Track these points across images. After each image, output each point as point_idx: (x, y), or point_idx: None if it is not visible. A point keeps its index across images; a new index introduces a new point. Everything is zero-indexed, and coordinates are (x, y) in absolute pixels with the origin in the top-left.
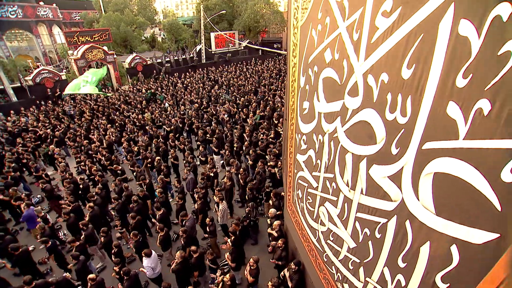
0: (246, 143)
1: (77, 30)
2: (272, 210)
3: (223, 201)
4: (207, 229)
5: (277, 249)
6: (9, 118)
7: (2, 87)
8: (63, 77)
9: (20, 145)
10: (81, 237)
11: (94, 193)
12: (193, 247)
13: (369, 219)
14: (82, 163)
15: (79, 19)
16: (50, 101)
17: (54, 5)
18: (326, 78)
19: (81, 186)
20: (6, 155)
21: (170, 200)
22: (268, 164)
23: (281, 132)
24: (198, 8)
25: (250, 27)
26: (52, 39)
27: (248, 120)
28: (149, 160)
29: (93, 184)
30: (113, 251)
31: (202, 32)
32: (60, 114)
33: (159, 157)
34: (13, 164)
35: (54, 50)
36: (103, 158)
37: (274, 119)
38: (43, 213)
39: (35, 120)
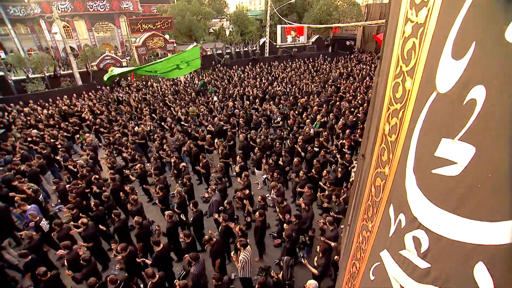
0: (296, 159)
1: (140, 18)
2: (313, 284)
3: (247, 247)
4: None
5: None
6: (60, 100)
7: (71, 71)
8: (124, 64)
9: (63, 129)
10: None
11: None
12: None
13: None
14: (107, 159)
15: (156, 11)
16: (108, 87)
17: None
18: None
19: (93, 187)
20: (45, 139)
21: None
22: (319, 195)
23: (347, 149)
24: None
25: (322, 21)
26: (129, 29)
27: (305, 127)
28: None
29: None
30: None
31: (268, 24)
32: (110, 100)
33: (184, 164)
34: (45, 151)
35: (130, 39)
36: (128, 156)
37: (337, 129)
38: (38, 218)
39: (83, 105)
